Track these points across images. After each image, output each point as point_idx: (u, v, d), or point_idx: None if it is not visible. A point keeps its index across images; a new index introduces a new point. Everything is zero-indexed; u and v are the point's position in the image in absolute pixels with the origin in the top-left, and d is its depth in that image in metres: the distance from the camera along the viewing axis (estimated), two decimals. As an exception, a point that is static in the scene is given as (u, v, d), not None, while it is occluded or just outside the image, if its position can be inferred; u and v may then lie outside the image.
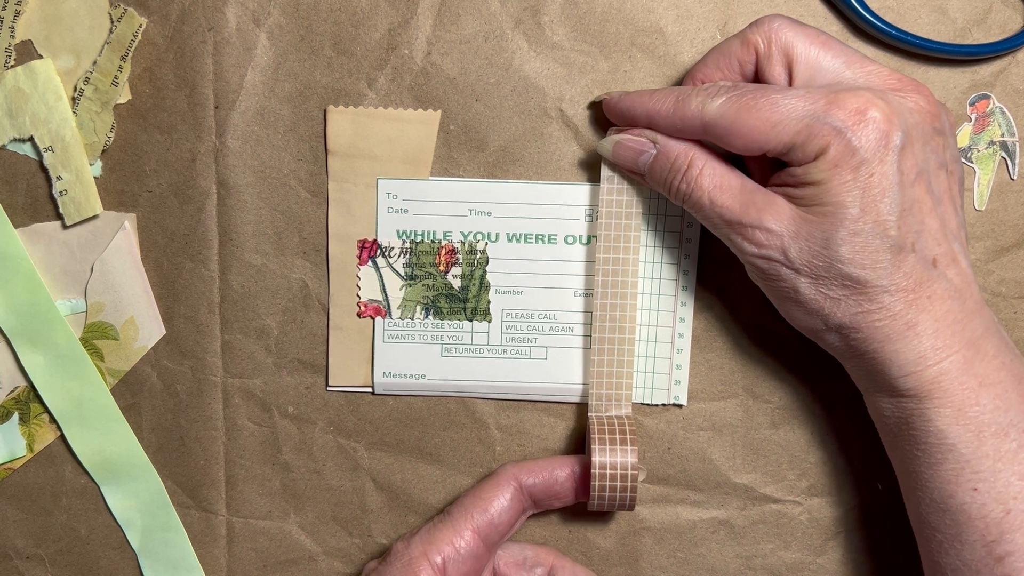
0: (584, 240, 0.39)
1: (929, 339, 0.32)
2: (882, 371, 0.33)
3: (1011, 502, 0.31)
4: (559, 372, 0.39)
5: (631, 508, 0.37)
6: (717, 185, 0.34)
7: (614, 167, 0.37)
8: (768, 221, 0.32)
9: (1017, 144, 0.38)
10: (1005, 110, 0.38)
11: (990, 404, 0.32)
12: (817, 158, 0.31)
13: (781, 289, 0.33)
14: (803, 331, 0.35)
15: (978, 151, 0.38)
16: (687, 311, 0.39)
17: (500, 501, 0.37)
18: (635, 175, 0.36)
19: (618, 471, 0.36)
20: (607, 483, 0.36)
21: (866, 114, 0.31)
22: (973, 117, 0.38)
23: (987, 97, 0.38)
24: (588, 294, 0.39)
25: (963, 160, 0.38)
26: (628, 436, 0.37)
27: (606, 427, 0.37)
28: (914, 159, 0.31)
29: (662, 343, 0.39)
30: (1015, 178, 0.38)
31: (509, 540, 0.39)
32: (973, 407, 0.31)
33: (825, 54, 0.33)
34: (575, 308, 0.39)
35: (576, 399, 0.40)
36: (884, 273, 0.31)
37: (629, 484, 0.36)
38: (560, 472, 0.38)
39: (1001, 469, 0.31)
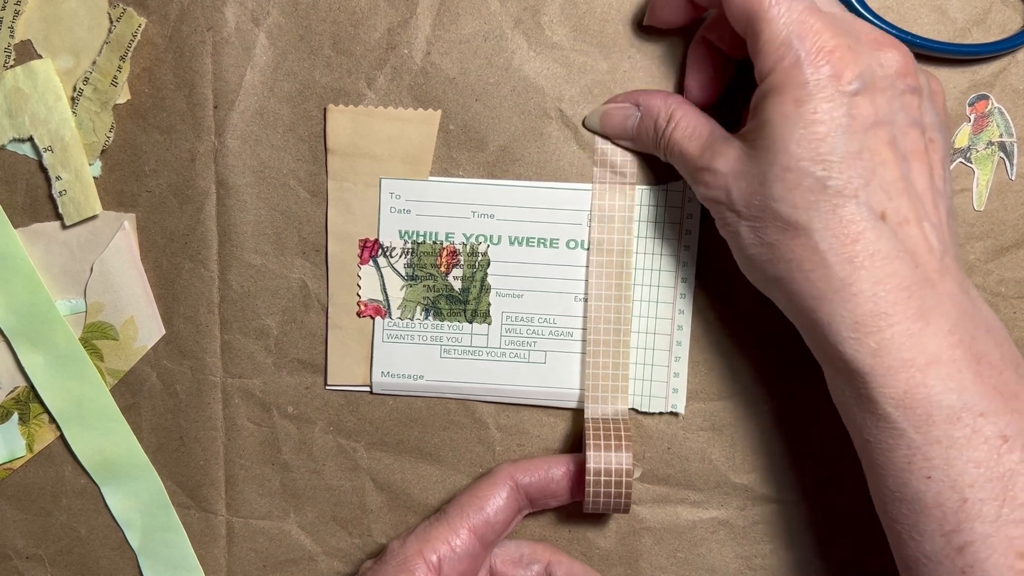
0: (586, 245, 0.39)
1: (867, 303, 0.29)
2: (822, 338, 0.31)
3: (967, 490, 0.29)
4: (558, 376, 0.40)
5: (626, 510, 0.37)
6: (688, 135, 0.34)
7: (605, 168, 0.38)
8: (717, 162, 0.32)
9: (1016, 144, 0.38)
10: (1004, 111, 0.38)
11: (939, 385, 0.29)
12: (766, 76, 0.30)
13: (729, 237, 0.33)
14: (757, 287, 0.34)
15: (977, 151, 0.38)
16: (685, 319, 0.39)
17: (496, 500, 0.37)
18: (625, 142, 0.37)
19: (612, 476, 0.36)
20: (601, 487, 0.36)
21: (823, 50, 0.29)
22: (972, 117, 0.38)
23: (986, 97, 0.38)
24: (589, 299, 0.39)
25: (962, 161, 0.38)
26: (623, 439, 0.37)
27: (601, 430, 0.37)
28: (873, 107, 0.30)
29: (659, 351, 0.39)
30: (1014, 178, 0.38)
31: (505, 538, 0.39)
32: (919, 388, 0.29)
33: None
34: (575, 313, 0.39)
35: (574, 404, 0.40)
36: (817, 215, 0.30)
37: (624, 488, 0.36)
38: (556, 471, 0.38)
39: (955, 456, 0.29)
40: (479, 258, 0.39)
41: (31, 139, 0.39)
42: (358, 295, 0.40)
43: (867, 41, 0.31)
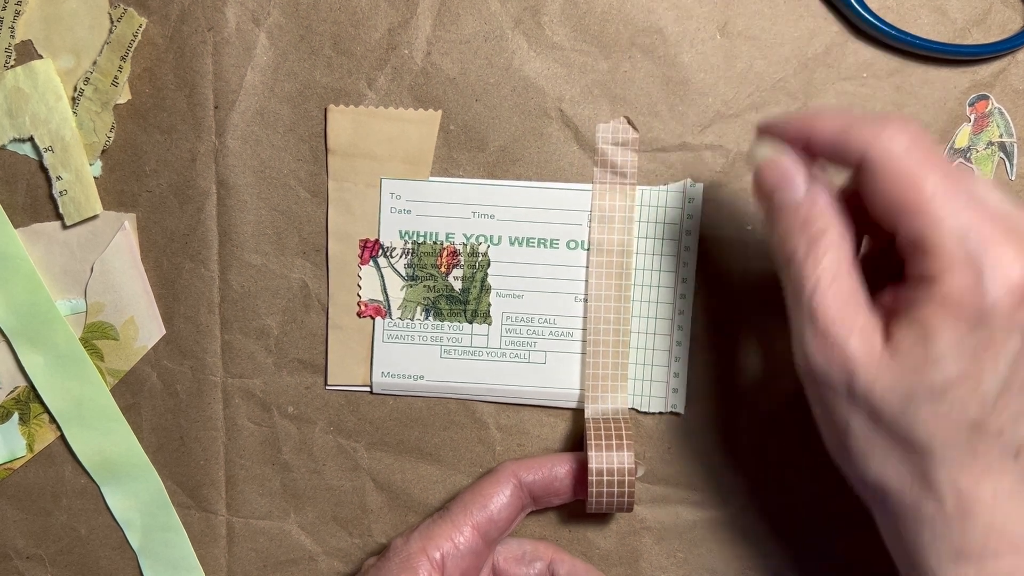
0: (586, 245, 0.39)
1: (977, 537, 0.27)
2: (913, 556, 0.28)
3: None
4: (558, 377, 0.40)
5: (629, 510, 0.37)
6: (831, 276, 0.28)
7: (606, 168, 0.38)
8: (852, 339, 0.28)
9: (1015, 145, 0.38)
10: (1004, 111, 0.38)
11: None
12: (930, 283, 0.27)
13: (825, 419, 0.30)
14: (848, 477, 0.31)
15: (977, 152, 0.38)
16: (685, 319, 0.39)
17: (500, 498, 0.37)
18: (758, 197, 0.32)
19: (615, 475, 0.36)
20: (604, 487, 0.36)
21: (1010, 277, 0.26)
22: (972, 118, 0.38)
23: (986, 98, 0.38)
24: (589, 299, 0.39)
25: (962, 161, 0.38)
26: (624, 438, 0.37)
27: (602, 429, 0.37)
28: None
29: (659, 351, 0.39)
30: (1014, 179, 0.38)
31: (508, 536, 0.39)
32: None
33: (982, 186, 0.28)
34: (575, 313, 0.39)
35: (574, 404, 0.40)
36: (949, 446, 0.27)
37: (627, 488, 0.36)
38: (559, 469, 0.38)
39: None
40: (479, 258, 0.39)
41: (31, 139, 0.39)
42: (358, 295, 0.40)
43: None
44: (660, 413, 0.40)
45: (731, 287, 0.39)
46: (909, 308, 0.27)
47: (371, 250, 0.39)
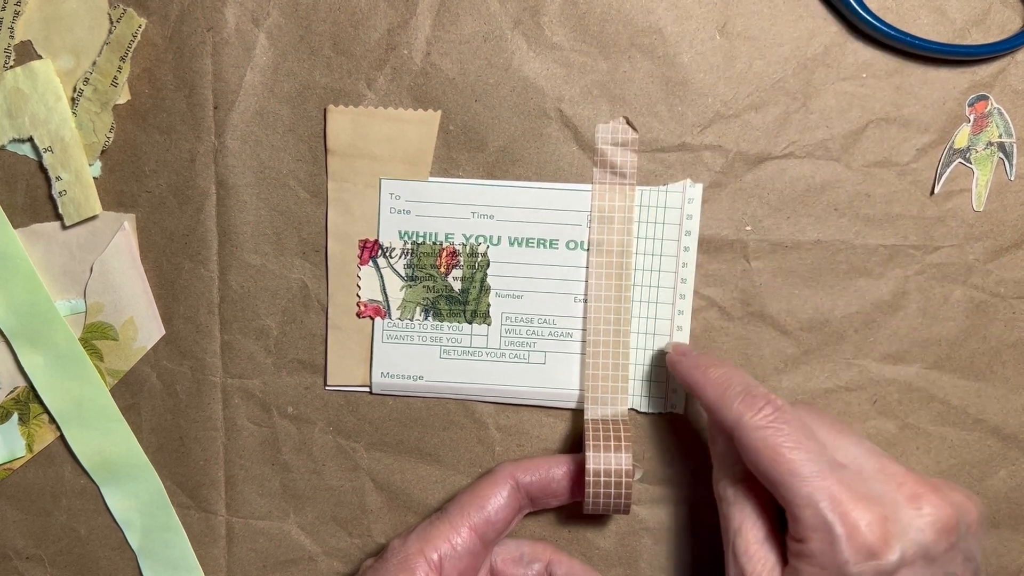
0: (585, 246, 0.39)
1: None
2: None
3: None
4: (557, 377, 0.40)
5: (626, 511, 0.37)
6: (752, 521, 0.33)
7: (605, 168, 0.38)
8: None
9: (1015, 145, 0.38)
10: (1003, 111, 0.38)
11: None
12: (800, 541, 0.31)
13: None
14: None
15: (976, 152, 0.38)
16: (685, 319, 0.39)
17: (497, 499, 0.37)
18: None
19: (612, 476, 0.36)
20: (601, 488, 0.36)
21: (858, 530, 0.30)
22: (972, 118, 0.38)
23: (986, 98, 0.38)
24: (588, 300, 0.39)
25: (961, 161, 0.38)
26: (623, 440, 0.37)
27: (601, 430, 0.37)
28: None
29: (659, 351, 0.39)
30: (1013, 179, 0.38)
31: (506, 537, 0.39)
32: None
33: (844, 441, 0.33)
34: (575, 314, 0.39)
35: (574, 405, 0.40)
36: None
37: (624, 489, 0.36)
38: (557, 470, 0.38)
39: None
40: (479, 259, 0.39)
41: (31, 139, 0.39)
42: (358, 296, 0.40)
43: (903, 499, 0.31)
44: (660, 413, 0.40)
45: (731, 287, 0.39)
46: (792, 558, 0.31)
47: (370, 250, 0.39)
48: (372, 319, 0.40)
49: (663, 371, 0.39)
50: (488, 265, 0.39)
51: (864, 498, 0.30)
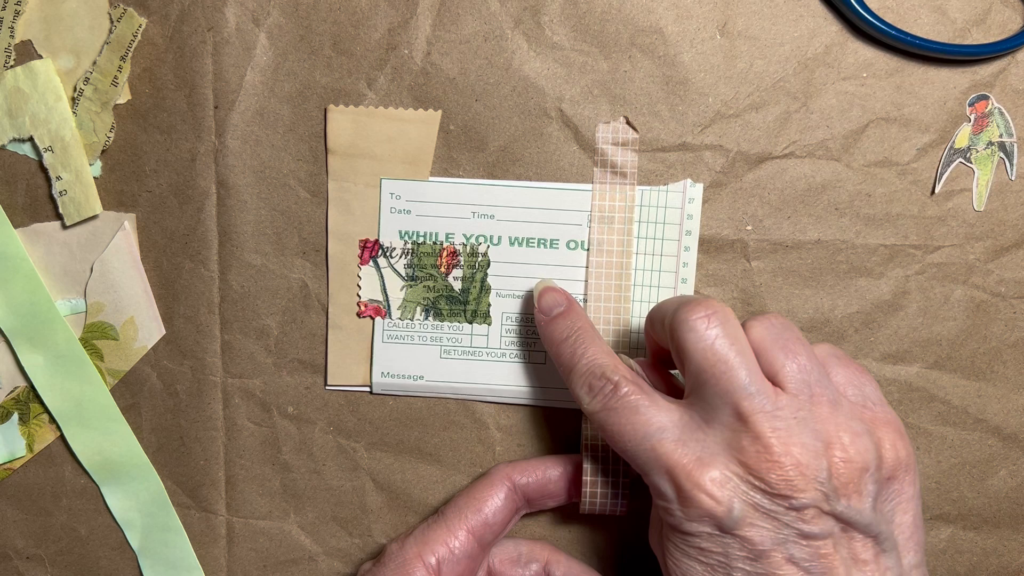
0: (586, 246, 0.39)
1: None
2: None
3: None
4: (557, 377, 0.40)
5: (623, 512, 0.37)
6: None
7: (605, 168, 0.38)
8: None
9: (1015, 145, 0.38)
10: (1004, 111, 0.38)
11: None
12: (660, 507, 0.32)
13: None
14: None
15: (977, 151, 0.38)
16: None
17: (494, 501, 0.37)
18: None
19: (609, 477, 0.36)
20: (599, 488, 0.36)
21: (690, 491, 0.30)
22: (972, 117, 0.38)
23: (986, 98, 0.38)
24: (589, 299, 0.39)
25: (962, 161, 0.38)
26: None
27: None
28: (760, 534, 0.30)
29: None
30: (1014, 178, 0.38)
31: (504, 537, 0.39)
32: None
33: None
34: (576, 311, 0.39)
35: (574, 405, 0.40)
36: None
37: (621, 490, 0.36)
38: (553, 471, 0.38)
39: None
40: (479, 258, 0.39)
41: (31, 139, 0.39)
42: (358, 295, 0.40)
43: (738, 453, 0.31)
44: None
45: (731, 287, 0.39)
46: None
47: (371, 250, 0.39)
48: (372, 319, 0.40)
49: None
50: (488, 265, 0.39)
51: (699, 461, 0.31)
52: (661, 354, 0.36)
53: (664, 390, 0.35)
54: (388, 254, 0.39)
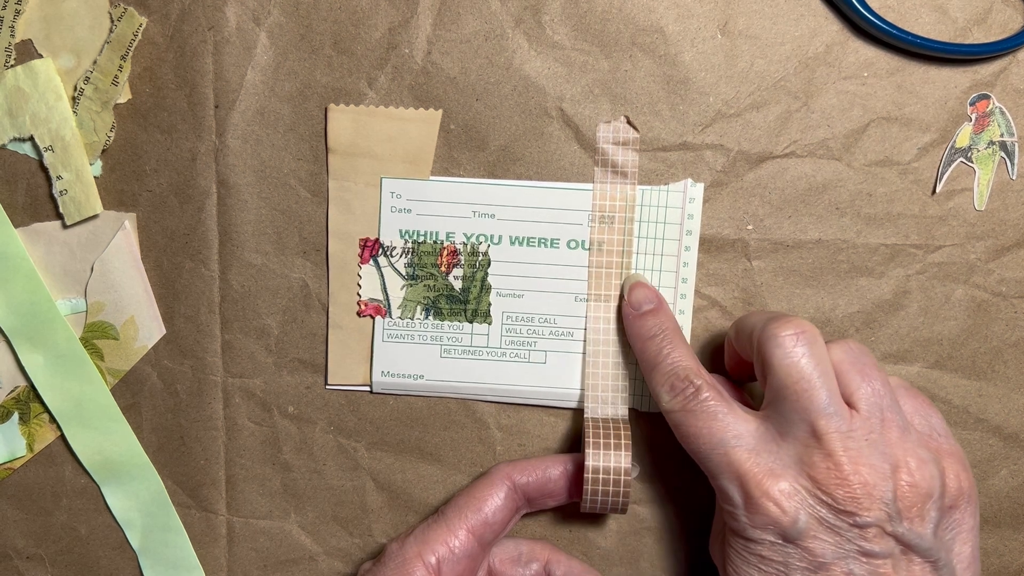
0: (586, 245, 0.39)
1: None
2: None
3: None
4: (558, 376, 0.39)
5: (623, 511, 0.37)
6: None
7: (606, 168, 0.38)
8: None
9: (1016, 144, 0.38)
10: (1005, 110, 0.38)
11: None
12: (728, 512, 0.33)
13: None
14: None
15: (978, 151, 0.38)
16: (685, 319, 0.39)
17: (494, 500, 0.37)
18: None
19: (611, 475, 0.36)
20: (599, 487, 0.36)
21: (759, 499, 0.31)
22: (973, 117, 0.38)
23: (987, 97, 0.38)
24: (589, 299, 0.39)
25: (963, 160, 0.38)
26: (622, 439, 0.37)
27: (600, 429, 0.37)
28: (822, 547, 0.31)
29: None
30: (1015, 178, 0.38)
31: (504, 536, 0.39)
32: None
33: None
34: (576, 313, 0.39)
35: (574, 404, 0.40)
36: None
37: (622, 488, 0.36)
38: (553, 471, 0.38)
39: None
40: (479, 258, 0.39)
41: (32, 138, 0.39)
42: (358, 295, 0.40)
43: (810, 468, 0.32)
44: (660, 413, 0.40)
45: (732, 287, 0.39)
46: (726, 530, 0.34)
47: (371, 249, 0.39)
48: (373, 318, 0.40)
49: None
50: (489, 264, 0.39)
51: (770, 472, 0.32)
52: (739, 366, 0.37)
53: (739, 402, 0.36)
54: (388, 253, 0.39)
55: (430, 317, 0.40)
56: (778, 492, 0.31)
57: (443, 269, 0.39)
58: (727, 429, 0.33)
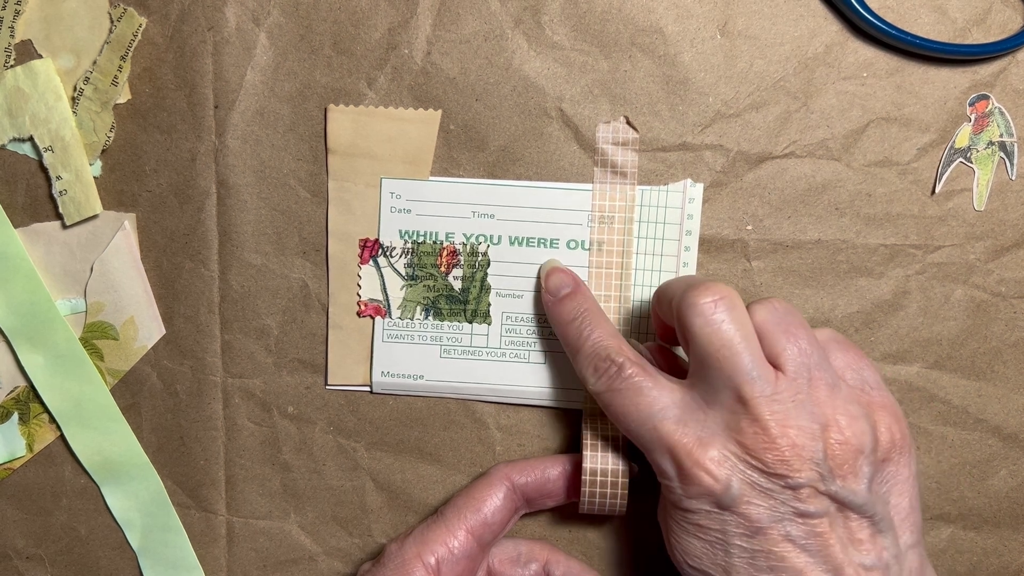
0: (586, 246, 0.39)
1: None
2: None
3: None
4: (558, 377, 0.39)
5: (622, 512, 0.37)
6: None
7: (606, 168, 0.38)
8: None
9: (1016, 144, 0.38)
10: (1004, 111, 0.38)
11: None
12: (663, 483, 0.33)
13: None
14: None
15: (977, 151, 0.38)
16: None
17: (493, 500, 0.37)
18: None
19: (609, 476, 0.36)
20: (597, 488, 0.36)
21: (690, 469, 0.31)
22: (972, 117, 0.38)
23: (987, 97, 0.38)
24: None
25: (962, 161, 0.38)
26: (620, 440, 0.37)
27: (599, 430, 0.37)
28: (757, 512, 0.31)
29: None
30: (1014, 178, 0.38)
31: (503, 536, 0.39)
32: None
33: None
34: (577, 311, 0.39)
35: (574, 405, 0.40)
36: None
37: (620, 489, 0.36)
38: (552, 471, 0.38)
39: None
40: (479, 258, 0.39)
41: (31, 139, 0.39)
42: (358, 295, 0.40)
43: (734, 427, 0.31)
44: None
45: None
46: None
47: (371, 250, 0.39)
48: (372, 318, 0.40)
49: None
50: (489, 264, 0.39)
51: (699, 441, 0.31)
52: (666, 332, 0.37)
53: (670, 371, 0.35)
54: (388, 254, 0.39)
55: (430, 317, 0.40)
56: (708, 460, 0.31)
57: (443, 269, 0.39)
58: (653, 403, 0.32)
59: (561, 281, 0.37)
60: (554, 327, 0.37)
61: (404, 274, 0.39)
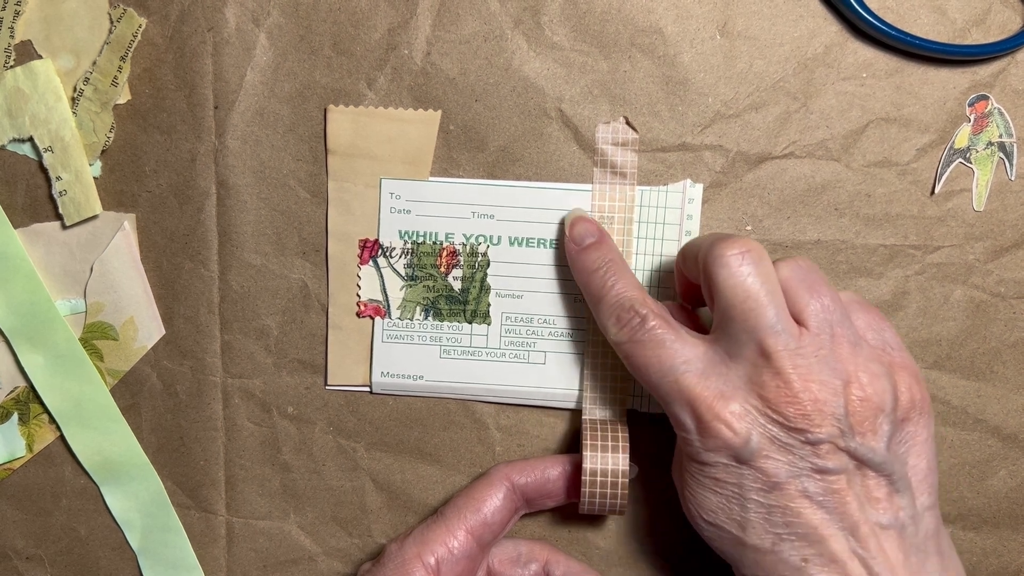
0: (586, 245, 0.39)
1: None
2: None
3: None
4: (558, 377, 0.40)
5: (621, 512, 0.37)
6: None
7: (605, 168, 0.38)
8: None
9: (1015, 145, 0.38)
10: (1003, 111, 0.38)
11: None
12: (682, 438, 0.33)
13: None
14: None
15: (976, 152, 0.38)
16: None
17: (493, 501, 0.37)
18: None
19: (609, 477, 0.36)
20: (597, 488, 0.36)
21: (710, 422, 0.31)
22: (972, 118, 0.38)
23: (986, 98, 0.38)
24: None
25: (962, 161, 0.38)
26: (620, 441, 0.37)
27: (599, 430, 0.37)
28: (775, 466, 0.31)
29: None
30: (1013, 179, 0.38)
31: (503, 537, 0.39)
32: None
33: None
34: (576, 314, 0.39)
35: (574, 404, 0.40)
36: (738, 563, 0.32)
37: (619, 489, 0.36)
38: (552, 471, 0.38)
39: None
40: (479, 258, 0.39)
41: (31, 139, 0.39)
42: (358, 295, 0.40)
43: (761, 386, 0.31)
44: (659, 413, 0.40)
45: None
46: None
47: (371, 250, 0.39)
48: (372, 319, 0.40)
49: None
50: (488, 265, 0.39)
51: (720, 394, 0.31)
52: (689, 291, 0.37)
53: (691, 328, 0.35)
54: (388, 254, 0.39)
55: (429, 318, 0.40)
56: (729, 414, 0.31)
57: (442, 270, 0.39)
58: (675, 355, 0.32)
59: (586, 230, 0.37)
60: (576, 276, 0.37)
61: (404, 274, 0.39)
